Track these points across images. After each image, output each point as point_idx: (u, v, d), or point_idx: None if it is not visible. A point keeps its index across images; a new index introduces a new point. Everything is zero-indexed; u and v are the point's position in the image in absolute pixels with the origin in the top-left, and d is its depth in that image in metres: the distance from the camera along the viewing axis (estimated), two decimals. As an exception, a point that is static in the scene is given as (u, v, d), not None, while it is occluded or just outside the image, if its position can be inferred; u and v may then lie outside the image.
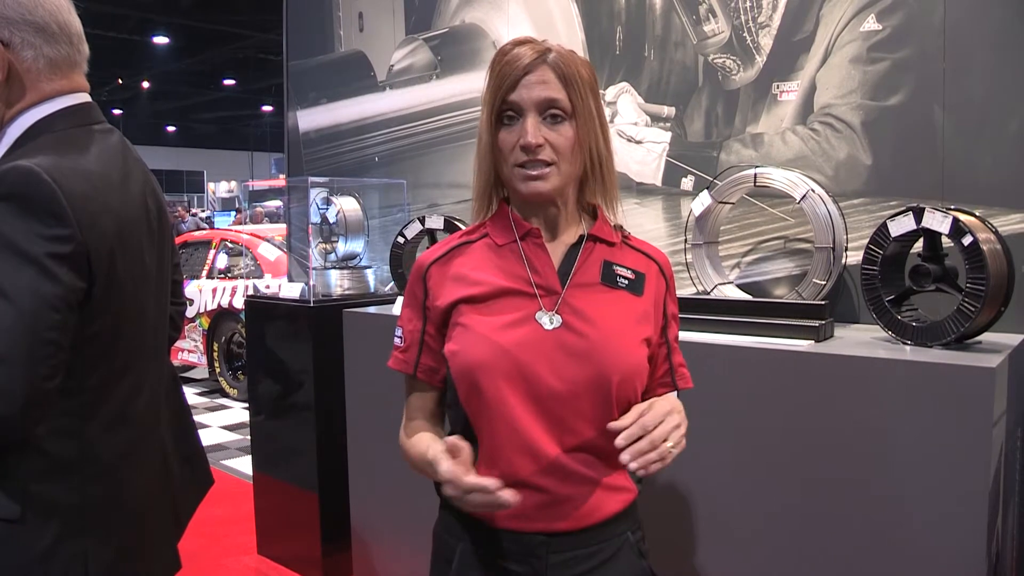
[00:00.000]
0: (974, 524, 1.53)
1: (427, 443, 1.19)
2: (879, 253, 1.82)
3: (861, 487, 1.66)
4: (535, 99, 1.16)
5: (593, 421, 1.17)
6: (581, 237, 1.25)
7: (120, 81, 19.74)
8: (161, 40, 16.27)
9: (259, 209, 15.47)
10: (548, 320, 1.18)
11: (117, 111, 24.28)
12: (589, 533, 1.18)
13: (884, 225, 1.81)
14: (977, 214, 1.84)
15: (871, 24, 2.14)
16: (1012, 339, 1.82)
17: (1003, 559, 1.76)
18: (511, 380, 1.15)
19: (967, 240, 1.68)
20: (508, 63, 1.17)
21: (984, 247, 1.67)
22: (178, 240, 7.34)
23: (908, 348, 1.76)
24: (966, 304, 1.69)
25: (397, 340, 1.29)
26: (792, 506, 1.75)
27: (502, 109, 1.18)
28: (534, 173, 1.16)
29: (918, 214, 1.75)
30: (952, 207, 1.83)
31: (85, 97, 1.33)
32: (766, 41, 2.34)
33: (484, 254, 1.24)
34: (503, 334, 1.17)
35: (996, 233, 1.79)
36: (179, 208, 16.66)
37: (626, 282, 1.24)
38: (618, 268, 1.24)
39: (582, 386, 1.16)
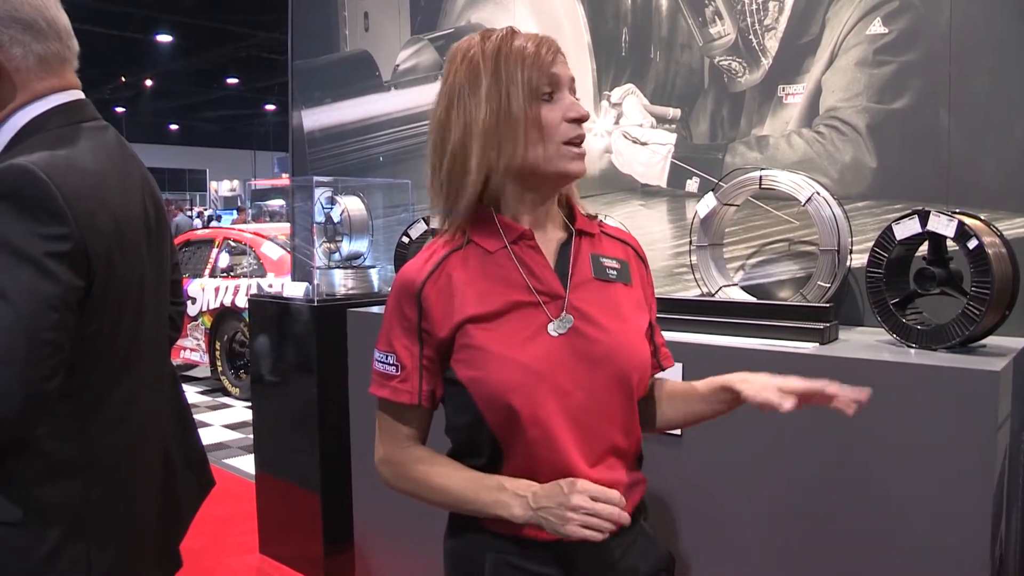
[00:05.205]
0: (978, 527, 1.53)
1: (473, 474, 1.15)
2: (884, 256, 1.82)
3: (865, 490, 1.66)
4: (570, 76, 1.16)
5: (616, 422, 1.17)
6: (568, 233, 1.21)
7: (123, 79, 19.74)
8: (164, 38, 16.28)
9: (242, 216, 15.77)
10: (555, 328, 1.14)
11: (120, 109, 24.30)
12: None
13: (889, 228, 1.81)
14: (982, 218, 1.84)
15: (877, 27, 2.14)
16: (1017, 343, 1.82)
17: (1006, 563, 1.76)
18: (544, 399, 1.11)
19: (972, 244, 1.68)
20: (539, 42, 1.15)
21: (989, 251, 1.67)
22: (180, 239, 7.34)
23: (913, 351, 1.76)
24: (971, 308, 1.69)
25: (389, 368, 1.17)
26: (796, 508, 1.76)
27: (542, 84, 1.12)
28: (582, 151, 1.15)
29: (923, 217, 1.75)
30: (957, 210, 1.83)
31: (78, 94, 1.30)
32: (772, 44, 2.34)
33: (476, 264, 1.16)
34: (522, 352, 1.12)
35: (1001, 237, 1.79)
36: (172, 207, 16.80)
37: (615, 273, 1.22)
38: (604, 260, 1.22)
39: (604, 390, 1.15)
